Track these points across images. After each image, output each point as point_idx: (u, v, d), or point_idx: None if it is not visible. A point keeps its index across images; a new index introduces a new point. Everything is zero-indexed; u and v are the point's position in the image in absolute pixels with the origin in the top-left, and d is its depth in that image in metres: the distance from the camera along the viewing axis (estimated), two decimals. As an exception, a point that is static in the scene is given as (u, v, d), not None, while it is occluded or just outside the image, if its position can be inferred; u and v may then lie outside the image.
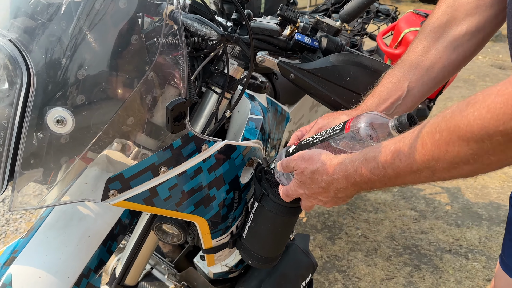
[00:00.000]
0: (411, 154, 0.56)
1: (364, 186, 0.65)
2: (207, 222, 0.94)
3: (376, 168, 0.61)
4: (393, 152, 0.58)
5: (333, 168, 0.68)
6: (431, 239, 2.32)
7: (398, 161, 0.57)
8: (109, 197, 0.74)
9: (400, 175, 0.59)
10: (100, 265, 0.79)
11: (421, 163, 0.55)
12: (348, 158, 0.66)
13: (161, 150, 0.76)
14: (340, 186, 0.68)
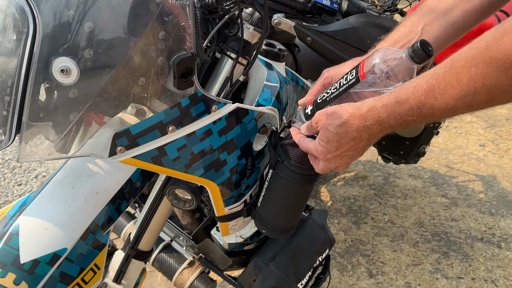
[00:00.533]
0: (447, 91, 0.54)
1: (399, 127, 0.64)
2: (219, 188, 0.92)
3: (410, 110, 0.59)
4: (426, 91, 0.57)
5: (363, 116, 0.66)
6: (462, 226, 2.23)
7: (433, 99, 0.56)
8: (116, 153, 0.74)
9: (435, 113, 0.57)
10: (108, 223, 0.80)
11: (458, 99, 0.53)
12: (379, 102, 0.64)
13: (169, 108, 0.74)
14: (374, 132, 0.66)
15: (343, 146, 0.71)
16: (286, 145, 0.90)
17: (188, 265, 1.42)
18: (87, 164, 0.80)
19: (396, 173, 2.75)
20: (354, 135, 0.68)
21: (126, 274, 1.05)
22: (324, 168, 0.78)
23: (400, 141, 1.85)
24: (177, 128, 0.78)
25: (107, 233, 0.80)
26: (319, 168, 0.79)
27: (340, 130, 0.69)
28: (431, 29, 0.77)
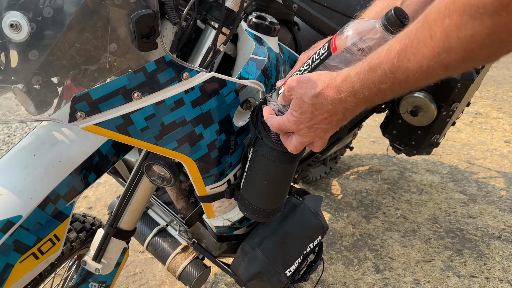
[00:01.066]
0: (420, 50, 0.48)
1: (375, 99, 0.58)
2: (196, 164, 0.88)
3: (383, 76, 0.54)
4: (399, 52, 0.51)
5: (338, 87, 0.61)
6: (479, 224, 2.11)
7: (406, 61, 0.50)
8: (76, 119, 0.70)
9: (410, 78, 0.52)
10: (72, 194, 0.76)
11: (432, 58, 0.48)
12: (352, 71, 0.59)
13: (132, 72, 0.70)
14: (349, 106, 0.61)
15: (317, 118, 0.66)
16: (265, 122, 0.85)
17: (182, 250, 1.39)
18: (53, 132, 0.76)
19: (413, 167, 2.64)
20: (329, 108, 0.63)
21: (106, 253, 1.02)
22: (297, 144, 0.72)
23: (411, 131, 1.76)
24: (144, 95, 0.73)
25: (71, 204, 0.77)
26: (292, 145, 0.73)
27: (315, 101, 0.64)
28: (411, 3, 0.71)
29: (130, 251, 1.98)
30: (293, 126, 0.69)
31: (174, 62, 0.74)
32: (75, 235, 1.04)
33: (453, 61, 0.47)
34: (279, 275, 1.05)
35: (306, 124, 0.67)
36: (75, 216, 1.11)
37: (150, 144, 0.79)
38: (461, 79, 1.50)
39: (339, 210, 2.26)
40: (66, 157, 0.75)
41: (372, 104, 0.60)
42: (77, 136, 0.78)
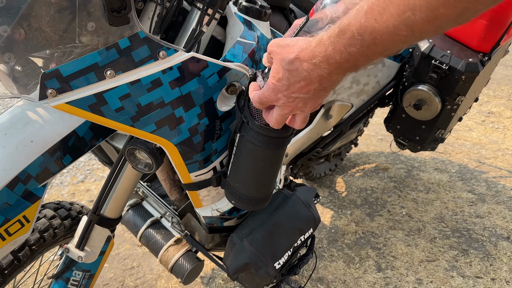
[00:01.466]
0: (386, 8, 0.47)
1: (347, 65, 0.55)
2: (177, 149, 0.85)
3: (352, 38, 0.51)
4: (366, 12, 0.49)
5: (312, 52, 0.58)
6: (487, 224, 2.04)
7: (373, 21, 0.48)
8: (47, 97, 0.68)
9: (377, 40, 0.49)
10: (45, 175, 0.74)
11: (397, 17, 0.46)
12: (325, 34, 0.56)
13: (105, 49, 0.68)
14: (323, 72, 0.58)
15: (294, 85, 0.63)
16: (251, 105, 0.82)
17: (175, 242, 1.37)
18: (27, 112, 0.74)
19: (421, 166, 2.58)
20: (304, 75, 0.61)
21: (89, 241, 1.00)
22: (278, 117, 0.69)
23: (415, 125, 1.70)
24: (117, 73, 0.71)
25: (44, 185, 0.74)
26: (273, 119, 0.70)
27: (291, 67, 0.62)
28: None
29: (129, 245, 1.97)
30: (272, 95, 0.66)
31: (149, 39, 0.71)
32: (59, 221, 1.02)
33: (419, 21, 0.45)
34: (267, 268, 1.02)
35: (284, 93, 0.65)
36: (61, 203, 1.10)
37: (127, 126, 0.76)
38: (465, 71, 1.45)
39: (342, 207, 2.21)
40: (38, 137, 0.73)
41: (346, 72, 0.58)
42: (52, 117, 0.75)
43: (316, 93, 0.63)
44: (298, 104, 0.66)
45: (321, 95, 0.64)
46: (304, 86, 0.62)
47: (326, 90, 0.63)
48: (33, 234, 0.95)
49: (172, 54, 0.75)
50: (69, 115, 0.78)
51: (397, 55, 1.67)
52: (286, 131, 0.84)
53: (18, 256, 0.90)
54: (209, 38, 0.95)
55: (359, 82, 1.64)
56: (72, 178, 2.52)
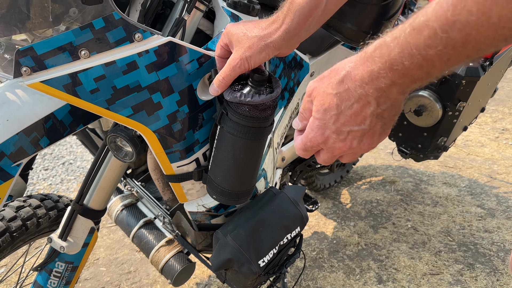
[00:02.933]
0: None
1: (418, 73, 0.44)
2: (156, 136, 0.85)
3: (433, 36, 0.40)
4: (454, 2, 0.38)
5: (370, 58, 0.47)
6: (496, 239, 1.96)
7: (466, 13, 0.37)
8: (22, 75, 0.69)
9: (471, 37, 0.38)
10: (19, 154, 0.74)
11: (506, 3, 0.35)
12: (389, 36, 0.45)
13: (79, 28, 0.69)
14: (382, 83, 0.46)
15: (345, 113, 0.51)
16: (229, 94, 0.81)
17: (166, 243, 1.36)
18: (6, 93, 0.75)
19: (429, 180, 2.52)
20: (359, 93, 0.48)
21: (72, 231, 1.00)
22: (326, 158, 0.57)
23: (417, 133, 1.67)
24: (92, 53, 0.71)
25: (18, 165, 0.75)
26: (321, 158, 0.58)
27: (340, 89, 0.50)
28: None
29: (128, 250, 1.96)
30: (318, 135, 0.54)
31: (124, 20, 0.72)
32: (44, 211, 1.02)
33: None
34: (250, 264, 1.00)
35: (332, 128, 0.52)
36: (49, 195, 1.10)
37: (102, 108, 0.77)
38: (465, 76, 1.42)
39: (346, 219, 2.17)
40: (15, 117, 0.74)
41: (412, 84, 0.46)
42: (30, 98, 0.76)
43: (373, 123, 0.51)
44: (352, 143, 0.53)
45: (378, 126, 0.51)
46: (358, 111, 0.50)
47: (384, 117, 0.50)
48: (15, 222, 0.95)
49: (149, 37, 0.75)
50: (48, 98, 0.79)
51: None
52: (265, 121, 0.83)
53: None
54: (194, 30, 0.96)
55: (359, 88, 1.62)
56: (79, 184, 2.55)
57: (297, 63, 1.28)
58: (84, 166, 2.77)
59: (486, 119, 3.40)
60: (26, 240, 1.00)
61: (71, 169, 2.73)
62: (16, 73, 0.68)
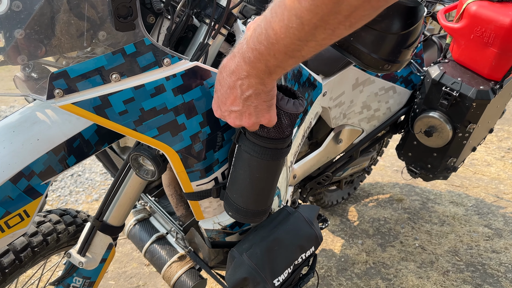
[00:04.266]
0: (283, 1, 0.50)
1: (259, 64, 0.58)
2: (178, 156, 0.87)
3: (261, 34, 0.55)
4: (271, 8, 0.53)
5: (232, 55, 0.63)
6: (504, 259, 1.97)
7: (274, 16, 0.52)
8: (54, 97, 0.71)
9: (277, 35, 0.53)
10: (48, 173, 0.76)
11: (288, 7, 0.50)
12: (244, 36, 0.61)
13: (111, 53, 0.71)
14: (242, 74, 0.61)
15: (223, 97, 0.68)
16: None
17: (178, 258, 1.37)
18: (36, 112, 0.78)
19: (436, 198, 2.52)
20: (228, 81, 0.64)
21: (91, 247, 1.02)
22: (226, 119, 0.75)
23: (427, 153, 1.69)
24: (122, 77, 0.74)
25: (46, 183, 0.77)
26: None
27: (219, 77, 0.67)
28: None
29: (136, 264, 1.97)
30: (215, 108, 0.74)
31: (154, 46, 0.74)
32: (64, 227, 1.04)
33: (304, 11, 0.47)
34: (266, 284, 1.01)
35: (222, 107, 0.71)
36: (68, 210, 1.12)
37: (129, 129, 0.79)
38: (476, 99, 1.44)
39: (354, 236, 2.17)
40: (45, 136, 0.76)
41: (262, 76, 0.59)
42: (59, 118, 0.79)
43: (245, 106, 0.66)
44: (235, 120, 0.71)
45: (252, 109, 0.67)
46: (230, 95, 0.66)
47: (252, 102, 0.65)
48: (37, 237, 0.97)
49: (176, 62, 0.78)
50: (76, 118, 0.81)
51: (409, 82, 1.68)
52: (282, 142, 0.85)
53: (20, 257, 0.92)
54: (216, 53, 0.99)
55: (370, 108, 1.65)
56: (87, 196, 2.56)
57: (310, 83, 1.31)
58: (92, 178, 2.79)
59: (492, 138, 3.41)
60: (46, 255, 1.01)
61: (80, 181, 2.75)
62: (49, 95, 0.71)
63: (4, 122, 0.77)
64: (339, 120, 1.59)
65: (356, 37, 0.82)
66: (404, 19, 0.79)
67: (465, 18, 1.45)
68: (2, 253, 0.90)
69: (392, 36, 0.80)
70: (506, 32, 1.34)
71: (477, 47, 1.43)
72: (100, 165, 2.99)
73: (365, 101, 1.62)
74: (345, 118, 1.61)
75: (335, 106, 1.54)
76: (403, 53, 0.84)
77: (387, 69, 0.84)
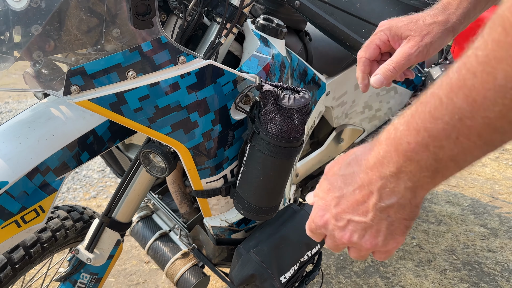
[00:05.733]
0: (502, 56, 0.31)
1: (424, 156, 0.38)
2: (190, 153, 0.87)
3: (438, 105, 0.36)
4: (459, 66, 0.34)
5: (377, 142, 0.43)
6: (500, 258, 2.00)
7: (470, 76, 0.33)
8: (71, 93, 0.72)
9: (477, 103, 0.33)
10: (63, 169, 0.77)
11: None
12: (397, 117, 0.41)
13: (128, 50, 0.72)
14: (388, 171, 0.41)
15: (346, 199, 0.46)
16: (263, 115, 0.85)
17: (182, 256, 1.37)
18: (50, 108, 0.78)
19: (432, 198, 2.55)
20: (362, 179, 0.44)
21: (99, 243, 1.02)
22: (330, 246, 0.51)
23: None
24: (138, 74, 0.75)
25: (61, 179, 0.77)
26: (327, 244, 0.53)
27: (346, 171, 0.47)
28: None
29: (136, 261, 1.97)
30: (318, 217, 0.50)
31: (170, 44, 0.75)
32: (71, 223, 1.04)
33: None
34: (273, 280, 1.02)
35: (333, 211, 0.48)
36: (75, 206, 1.12)
37: (143, 126, 0.80)
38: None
39: (351, 235, 2.19)
40: (60, 132, 0.76)
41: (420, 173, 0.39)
42: (74, 114, 0.79)
43: (377, 219, 0.44)
44: (352, 235, 0.47)
45: (383, 226, 0.45)
46: (360, 200, 0.45)
47: (389, 216, 0.44)
48: (45, 233, 0.97)
49: (191, 60, 0.79)
50: (90, 114, 0.82)
51: (410, 83, 1.70)
52: (296, 141, 0.87)
53: (30, 252, 0.92)
54: (226, 52, 0.99)
55: (372, 108, 1.66)
56: (85, 193, 2.56)
57: (315, 83, 1.32)
58: (90, 175, 2.78)
59: (487, 139, 3.45)
60: (53, 251, 1.02)
61: (77, 178, 2.74)
62: (65, 91, 0.71)
63: (18, 118, 0.77)
64: (341, 120, 1.61)
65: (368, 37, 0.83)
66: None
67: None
68: (13, 249, 0.90)
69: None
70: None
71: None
72: (98, 162, 2.98)
73: (366, 101, 1.63)
74: (347, 117, 1.62)
75: (337, 105, 1.56)
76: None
77: None
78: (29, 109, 0.79)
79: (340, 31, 0.85)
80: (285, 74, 1.09)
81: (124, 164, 1.44)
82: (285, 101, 0.81)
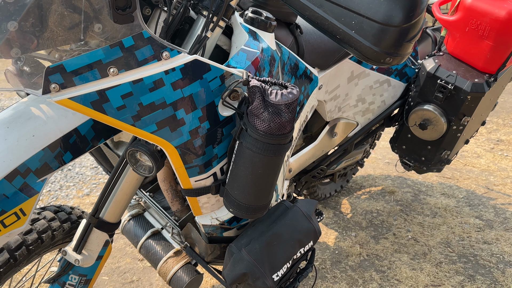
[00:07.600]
0: None
1: None
2: (177, 151, 0.85)
3: None
4: None
5: None
6: (495, 250, 1.99)
7: None
8: (50, 91, 0.69)
9: None
10: (44, 170, 0.74)
11: None
12: None
13: (108, 46, 0.69)
14: None
15: None
16: (250, 111, 0.82)
17: (174, 254, 1.35)
18: (30, 107, 0.76)
19: (428, 190, 2.54)
20: None
21: (87, 244, 1.00)
22: None
23: (421, 146, 1.69)
24: (120, 71, 0.72)
25: (43, 180, 0.75)
26: None
27: None
28: None
29: (130, 259, 1.95)
30: None
31: (153, 39, 0.72)
32: (58, 224, 1.02)
33: None
34: (265, 279, 1.00)
35: None
36: (62, 206, 1.10)
37: (127, 124, 0.77)
38: (471, 92, 1.45)
39: (347, 229, 2.18)
40: (40, 133, 0.74)
41: None
42: (55, 113, 0.77)
43: None
44: None
45: None
46: None
47: None
48: (31, 235, 0.95)
49: (175, 55, 0.76)
50: (72, 113, 0.79)
51: (403, 75, 1.68)
52: (284, 138, 0.84)
53: (15, 255, 0.90)
54: (213, 46, 0.97)
55: (365, 101, 1.64)
56: (78, 191, 2.53)
57: (307, 77, 1.29)
58: (83, 173, 2.75)
59: (481, 130, 3.45)
60: (41, 253, 0.99)
61: (70, 175, 2.71)
62: (44, 90, 0.68)
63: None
64: (334, 114, 1.59)
65: (358, 29, 0.81)
66: (406, 12, 0.77)
67: (460, 11, 1.44)
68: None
69: (394, 28, 0.79)
70: (501, 25, 1.35)
71: (472, 40, 1.43)
72: (91, 159, 2.95)
73: (360, 94, 1.61)
74: (340, 111, 1.60)
75: (330, 99, 1.54)
76: (404, 46, 0.83)
77: (389, 62, 0.83)
78: (8, 109, 0.76)
79: (330, 24, 0.82)
80: (275, 68, 1.06)
81: (114, 162, 1.41)
82: (272, 96, 0.79)
